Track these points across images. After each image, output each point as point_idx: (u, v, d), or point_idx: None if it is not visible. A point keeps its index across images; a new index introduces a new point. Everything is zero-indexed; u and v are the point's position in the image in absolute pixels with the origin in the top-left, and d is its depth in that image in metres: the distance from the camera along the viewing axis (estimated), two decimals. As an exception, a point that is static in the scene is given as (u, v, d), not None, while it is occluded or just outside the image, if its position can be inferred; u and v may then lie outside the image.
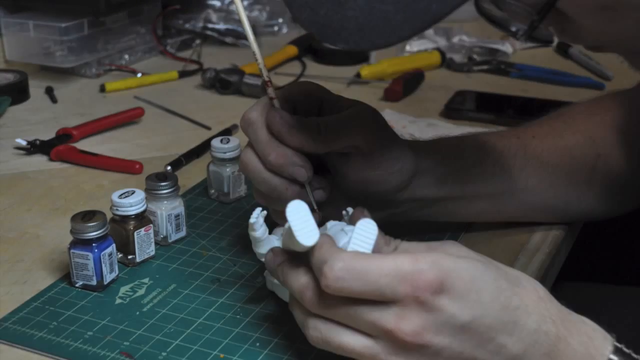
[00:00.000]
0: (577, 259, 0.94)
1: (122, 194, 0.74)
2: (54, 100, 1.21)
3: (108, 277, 0.72)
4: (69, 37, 1.24)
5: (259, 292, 0.71)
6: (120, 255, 0.75)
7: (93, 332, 0.66)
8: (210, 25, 1.47)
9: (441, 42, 1.44)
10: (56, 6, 1.25)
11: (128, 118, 1.11)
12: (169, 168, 0.94)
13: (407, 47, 1.43)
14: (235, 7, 0.66)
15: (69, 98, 1.22)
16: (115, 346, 0.64)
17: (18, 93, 1.19)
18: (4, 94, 1.16)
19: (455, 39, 1.44)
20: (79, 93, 1.25)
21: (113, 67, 1.32)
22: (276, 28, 1.55)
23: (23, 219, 0.85)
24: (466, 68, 1.34)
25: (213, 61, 1.36)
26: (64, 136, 1.04)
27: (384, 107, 1.15)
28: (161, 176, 0.79)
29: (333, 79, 1.29)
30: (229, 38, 1.48)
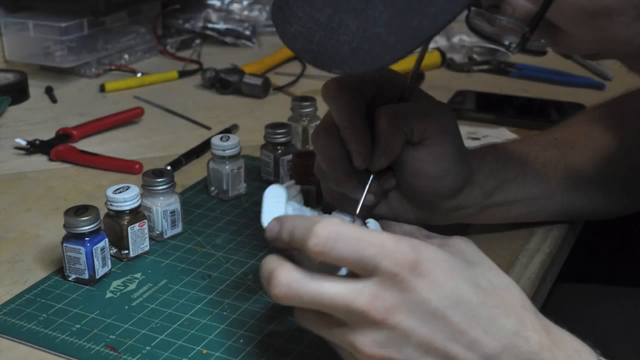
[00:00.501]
0: (578, 259, 0.94)
1: (117, 190, 0.74)
2: (54, 100, 1.21)
3: (100, 271, 0.72)
4: (69, 37, 1.24)
5: (248, 290, 0.71)
6: (114, 250, 0.76)
7: (81, 325, 0.67)
8: (210, 25, 1.48)
9: (441, 42, 1.44)
10: (56, 6, 1.25)
11: (128, 118, 1.11)
12: (169, 168, 0.94)
13: (407, 47, 1.43)
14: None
15: (69, 98, 1.22)
16: (101, 339, 0.65)
17: (18, 93, 1.19)
18: (4, 94, 1.16)
19: (455, 39, 1.44)
20: (79, 93, 1.25)
21: (113, 67, 1.32)
22: (276, 28, 1.55)
23: (23, 219, 0.85)
24: (466, 68, 1.34)
25: (213, 61, 1.36)
26: (64, 136, 1.04)
27: (384, 107, 1.15)
28: (157, 172, 0.79)
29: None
30: (229, 38, 1.48)
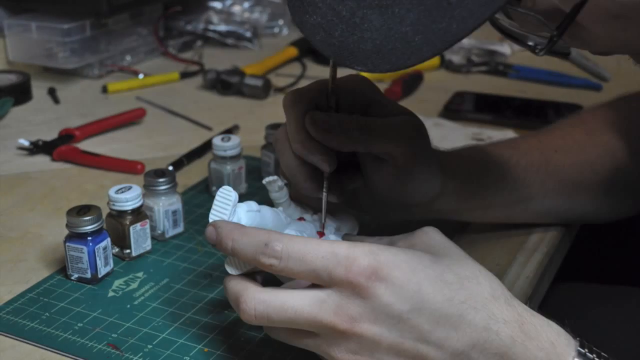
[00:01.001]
0: (576, 259, 0.94)
1: (119, 190, 0.75)
2: (57, 101, 1.21)
3: (102, 271, 0.73)
4: (72, 39, 1.24)
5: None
6: (116, 249, 0.76)
7: (83, 324, 0.67)
8: (211, 26, 1.48)
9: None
10: (58, 7, 1.26)
11: (130, 119, 1.12)
12: (171, 168, 0.95)
13: (407, 49, 1.43)
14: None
15: (72, 99, 1.22)
16: (103, 338, 0.65)
17: (21, 94, 1.20)
18: (7, 95, 1.16)
19: (454, 40, 1.45)
20: (81, 94, 1.25)
21: (115, 68, 1.33)
22: (277, 29, 1.56)
23: (25, 219, 0.86)
24: (465, 69, 1.35)
25: (214, 62, 1.36)
26: (66, 137, 1.04)
27: (384, 108, 1.16)
28: (159, 172, 0.80)
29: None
30: (230, 39, 1.49)
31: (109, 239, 0.73)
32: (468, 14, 0.47)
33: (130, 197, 0.74)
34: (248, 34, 1.49)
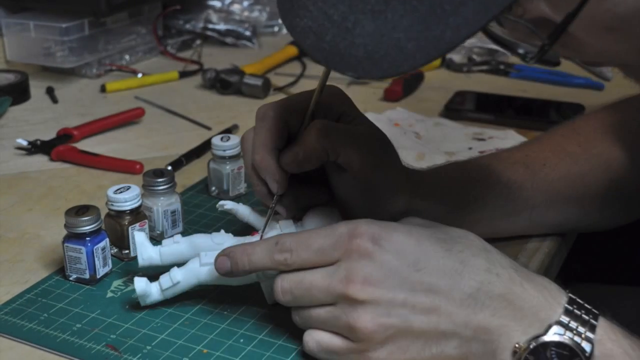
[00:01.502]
0: (576, 260, 0.94)
1: (118, 190, 0.75)
2: (55, 100, 1.21)
3: (101, 271, 0.73)
4: (70, 38, 1.24)
5: (248, 289, 0.71)
6: (115, 249, 0.76)
7: (82, 325, 0.67)
8: (210, 25, 1.48)
9: (441, 43, 1.44)
10: (57, 7, 1.25)
11: (128, 118, 1.11)
12: (170, 168, 0.94)
13: (407, 48, 1.43)
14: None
15: (70, 98, 1.22)
16: (101, 339, 0.65)
17: (19, 93, 1.19)
18: (5, 94, 1.16)
19: (455, 40, 1.44)
20: (80, 93, 1.25)
21: (114, 68, 1.32)
22: (276, 28, 1.56)
23: (24, 219, 0.85)
24: (466, 68, 1.34)
25: (213, 61, 1.36)
26: (65, 136, 1.04)
27: (384, 108, 1.15)
28: (158, 172, 0.80)
29: (333, 80, 1.28)
30: (229, 38, 1.48)
31: (108, 240, 0.73)
32: (462, 22, 0.47)
33: (129, 197, 0.74)
34: (247, 33, 1.48)
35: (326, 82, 0.67)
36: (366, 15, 0.49)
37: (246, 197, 0.89)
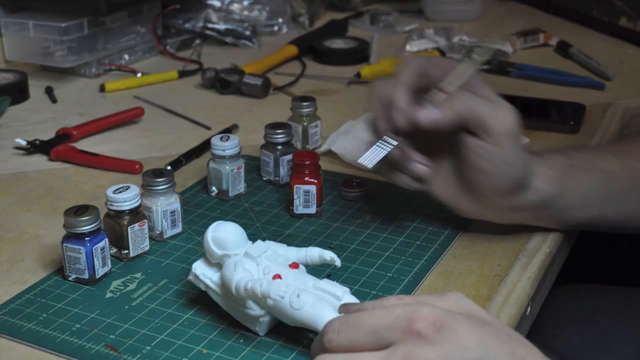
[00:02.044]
0: (577, 260, 0.94)
1: (117, 189, 0.75)
2: (54, 100, 1.21)
3: (100, 271, 0.72)
4: (69, 37, 1.23)
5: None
6: (114, 249, 0.76)
7: (81, 325, 0.67)
8: (210, 25, 1.47)
9: (441, 42, 1.44)
10: (56, 6, 1.25)
11: (128, 118, 1.11)
12: (169, 168, 0.94)
13: (407, 47, 1.43)
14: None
15: (69, 98, 1.22)
16: (101, 339, 0.65)
17: (18, 93, 1.19)
18: (4, 94, 1.16)
19: (455, 39, 1.44)
20: (79, 93, 1.24)
21: (113, 67, 1.32)
22: (276, 28, 1.55)
23: (23, 219, 0.85)
24: (466, 68, 1.34)
25: (213, 61, 1.36)
26: (64, 136, 1.03)
27: (384, 107, 1.15)
28: (157, 172, 0.79)
29: (333, 79, 1.29)
30: (229, 38, 1.48)
31: (107, 240, 0.73)
32: None
33: (128, 197, 0.74)
34: (247, 32, 1.48)
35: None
36: None
37: (246, 197, 0.89)
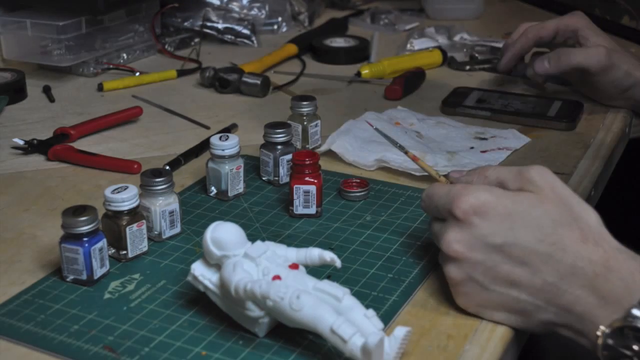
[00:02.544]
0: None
1: (115, 190, 0.74)
2: (52, 99, 1.20)
3: (98, 272, 0.72)
4: (67, 36, 1.23)
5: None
6: (112, 250, 0.75)
7: (79, 326, 0.66)
8: (209, 23, 1.47)
9: (442, 41, 1.43)
10: (54, 5, 1.25)
11: (126, 117, 1.10)
12: (168, 168, 0.93)
13: (408, 46, 1.42)
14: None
15: (67, 97, 1.21)
16: (99, 340, 0.65)
17: (15, 92, 1.19)
18: (1, 93, 1.15)
19: (456, 38, 1.44)
20: (77, 92, 1.24)
21: (111, 66, 1.32)
22: (276, 26, 1.55)
23: (20, 219, 0.85)
24: (467, 67, 1.33)
25: (212, 60, 1.35)
26: (62, 135, 1.03)
27: (385, 106, 1.14)
28: (156, 172, 0.79)
29: (333, 78, 1.28)
30: (228, 36, 1.47)
31: (105, 240, 0.72)
32: None
33: (126, 198, 0.73)
34: (246, 31, 1.47)
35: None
36: None
37: (245, 197, 0.88)
